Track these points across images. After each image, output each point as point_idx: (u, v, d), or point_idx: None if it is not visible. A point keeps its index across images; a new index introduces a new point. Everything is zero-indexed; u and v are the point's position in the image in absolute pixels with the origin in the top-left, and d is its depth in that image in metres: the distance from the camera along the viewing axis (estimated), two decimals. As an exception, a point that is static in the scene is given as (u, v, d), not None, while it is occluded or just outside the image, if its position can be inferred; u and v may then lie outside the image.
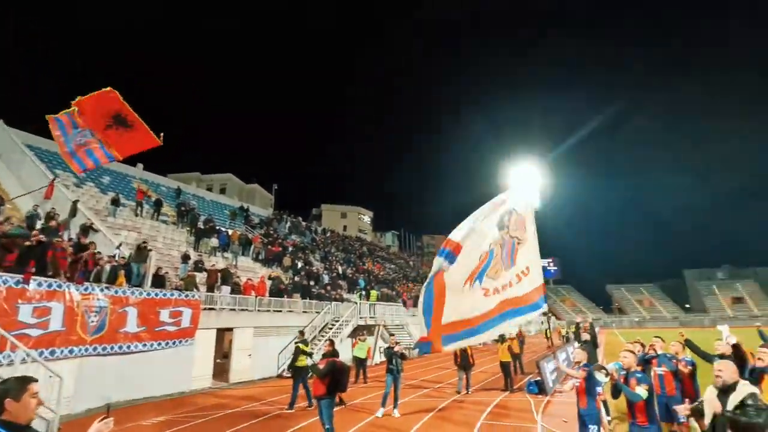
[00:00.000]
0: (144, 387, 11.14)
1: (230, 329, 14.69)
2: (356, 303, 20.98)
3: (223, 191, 45.28)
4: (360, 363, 14.07)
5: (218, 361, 14.36)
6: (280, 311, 17.01)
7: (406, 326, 24.74)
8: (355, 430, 7.85)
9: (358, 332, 16.74)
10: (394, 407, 9.27)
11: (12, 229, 9.33)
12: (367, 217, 79.64)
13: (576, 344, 17.41)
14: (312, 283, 22.16)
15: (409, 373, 16.70)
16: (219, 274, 15.65)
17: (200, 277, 15.28)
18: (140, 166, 26.16)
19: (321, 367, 6.59)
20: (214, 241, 20.66)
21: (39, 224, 12.30)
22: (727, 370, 3.82)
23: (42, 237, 9.25)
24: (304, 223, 38.09)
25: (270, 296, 16.90)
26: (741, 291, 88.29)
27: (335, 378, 6.56)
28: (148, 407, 10.21)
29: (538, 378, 12.15)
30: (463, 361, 11.90)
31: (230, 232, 22.66)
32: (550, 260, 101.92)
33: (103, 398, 10.16)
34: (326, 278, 24.95)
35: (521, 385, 12.61)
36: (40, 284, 8.80)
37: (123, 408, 10.01)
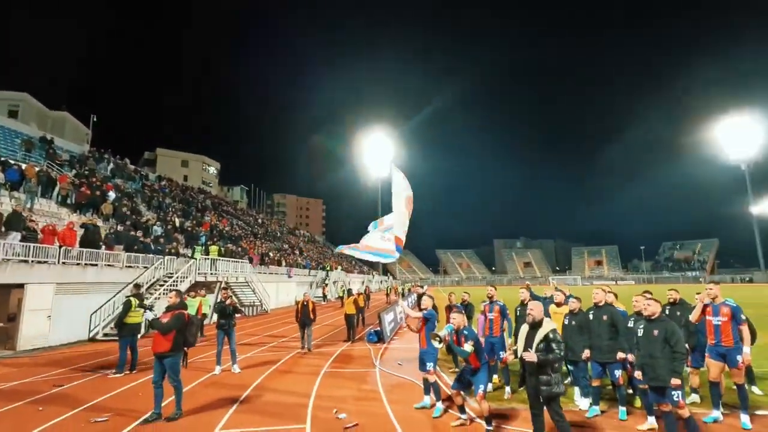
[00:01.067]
0: None
1: (20, 286, 11.69)
2: (194, 258, 19.08)
3: (14, 115, 35.00)
4: None
5: (1, 325, 11.37)
6: (95, 265, 14.26)
7: (252, 283, 23.78)
8: (191, 388, 7.16)
9: (196, 288, 15.26)
10: (233, 363, 8.76)
11: None
12: (213, 169, 72.60)
13: (409, 298, 19.36)
14: (140, 233, 19.18)
15: (253, 329, 16.16)
16: (8, 215, 12.15)
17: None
18: None
19: (165, 320, 5.77)
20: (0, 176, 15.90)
21: None
22: (537, 309, 4.59)
23: None
24: (132, 167, 32.48)
25: (81, 247, 13.97)
26: (530, 258, 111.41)
27: (182, 332, 5.86)
28: None
29: (378, 328, 13.12)
30: (304, 317, 11.17)
31: (24, 166, 17.77)
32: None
33: None
34: (159, 230, 21.91)
35: (362, 336, 13.44)
36: None
37: None
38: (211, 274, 20.15)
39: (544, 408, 4.37)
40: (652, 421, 5.04)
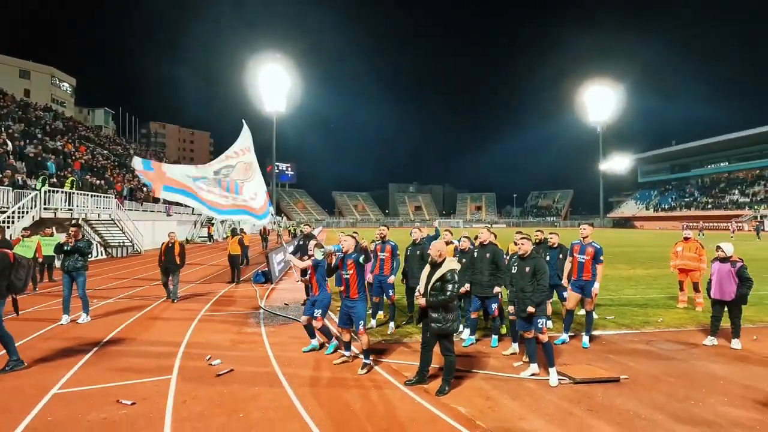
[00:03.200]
0: None
1: None
2: (37, 190, 15.82)
3: None
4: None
5: None
6: None
7: (120, 221, 20.89)
8: (28, 341, 5.92)
9: (44, 227, 12.69)
10: (83, 311, 7.45)
11: None
12: (66, 85, 60.17)
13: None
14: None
15: (120, 273, 14.30)
16: None
17: None
18: None
19: None
20: None
21: None
22: (433, 249, 4.56)
23: None
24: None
25: None
26: (421, 202, 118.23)
27: (5, 275, 4.87)
28: None
29: (266, 269, 12.56)
30: (168, 262, 9.20)
31: None
32: (288, 165, 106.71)
33: None
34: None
35: (248, 277, 12.77)
36: None
37: None
38: (67, 210, 17.09)
39: (437, 343, 4.48)
40: (515, 347, 5.62)
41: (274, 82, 64.32)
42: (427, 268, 4.59)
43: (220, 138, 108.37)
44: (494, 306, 5.96)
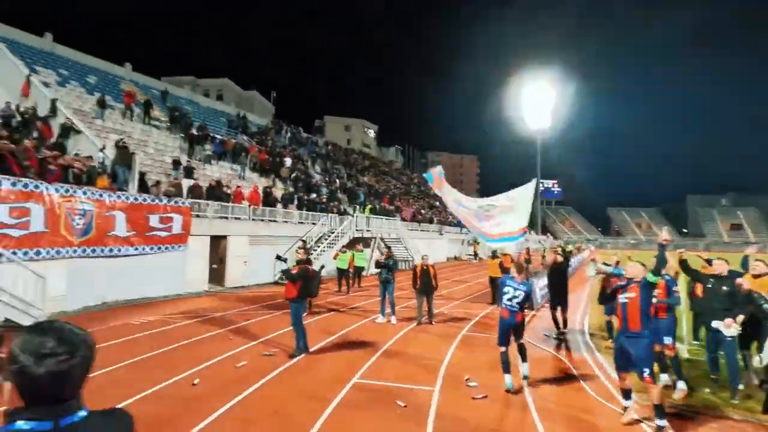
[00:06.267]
0: (139, 288, 11.39)
1: (224, 237, 14.75)
2: (353, 216, 20.96)
3: (219, 98, 43.26)
4: (342, 273, 14.34)
5: (214, 266, 14.65)
6: (275, 221, 16.98)
7: (404, 240, 25.07)
8: (347, 331, 8.05)
9: (356, 244, 16.95)
10: (392, 314, 9.58)
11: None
12: (371, 131, 77.50)
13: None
14: (314, 196, 21.95)
15: (402, 284, 17.14)
16: (210, 182, 15.32)
17: (192, 184, 14.94)
18: (129, 66, 24.47)
19: (293, 272, 6.79)
20: (208, 149, 20.05)
21: (14, 123, 11.70)
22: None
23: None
24: (305, 135, 36.95)
25: (264, 206, 16.74)
26: (741, 218, 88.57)
27: (305, 284, 6.76)
28: (142, 307, 10.52)
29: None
30: (425, 285, 9.38)
31: (225, 139, 21.90)
32: (554, 182, 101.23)
33: (97, 297, 10.45)
34: (324, 191, 24.70)
35: (509, 300, 12.84)
36: (14, 184, 8.45)
37: (121, 307, 10.33)
38: (367, 230, 21.91)
39: None
40: None
41: (539, 99, 63.17)
42: None
43: (486, 160, 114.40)
44: None
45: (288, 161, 25.47)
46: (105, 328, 8.01)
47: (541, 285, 13.08)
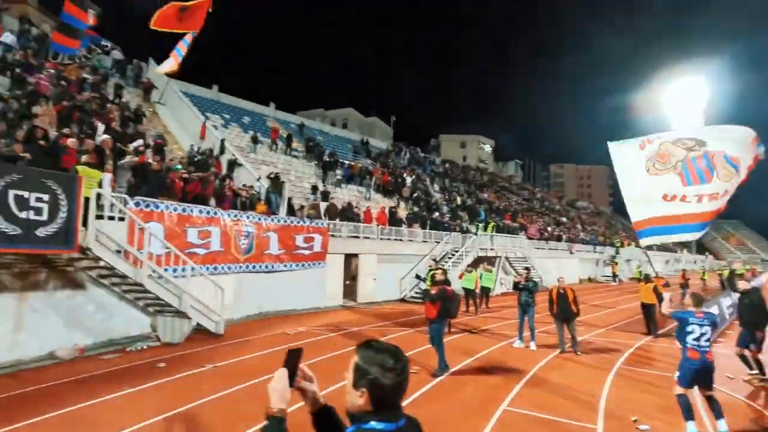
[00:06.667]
0: (288, 301, 12.80)
1: (356, 255, 15.75)
2: (476, 234, 20.55)
3: (345, 126, 47.01)
4: (468, 293, 13.91)
5: (347, 282, 15.70)
6: (401, 240, 17.56)
7: (529, 259, 23.64)
8: (486, 354, 7.88)
9: (480, 263, 16.58)
10: (531, 339, 9.05)
11: (174, 165, 10.97)
12: (488, 147, 75.76)
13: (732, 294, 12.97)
14: (436, 215, 22.24)
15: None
16: (342, 204, 16.62)
17: (328, 204, 16.41)
18: (273, 105, 28.25)
19: (433, 293, 6.91)
20: (338, 173, 21.85)
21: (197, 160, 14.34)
22: None
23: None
24: (422, 155, 37.81)
25: (390, 225, 17.47)
26: None
27: (445, 304, 6.80)
28: (290, 318, 11.76)
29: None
30: (562, 311, 8.64)
31: (352, 164, 23.61)
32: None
33: (257, 308, 12.01)
34: (445, 209, 24.79)
35: (669, 330, 11.11)
36: (201, 211, 10.33)
37: (273, 317, 11.72)
38: (491, 249, 21.23)
39: None
40: None
41: (687, 99, 54.63)
42: None
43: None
44: None
45: (408, 181, 26.31)
46: (270, 335, 9.17)
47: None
